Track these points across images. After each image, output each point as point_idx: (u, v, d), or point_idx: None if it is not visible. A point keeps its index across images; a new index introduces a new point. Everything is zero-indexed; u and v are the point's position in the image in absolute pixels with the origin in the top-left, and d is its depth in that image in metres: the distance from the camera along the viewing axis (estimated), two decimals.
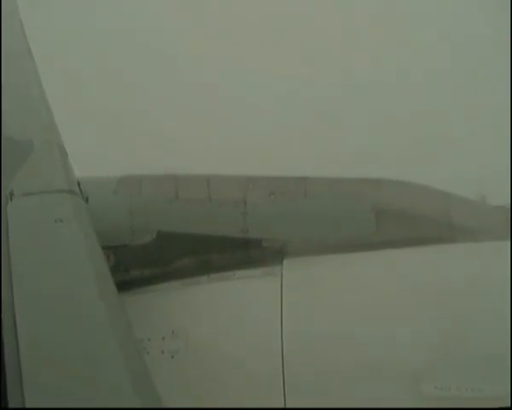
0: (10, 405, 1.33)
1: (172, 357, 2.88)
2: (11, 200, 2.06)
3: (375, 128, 4.90)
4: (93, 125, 5.09)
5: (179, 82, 5.34)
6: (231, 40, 5.48)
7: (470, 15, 5.33)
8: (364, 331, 2.83)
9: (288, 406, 2.75)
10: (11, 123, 2.55)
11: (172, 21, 5.65)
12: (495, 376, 2.65)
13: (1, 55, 2.96)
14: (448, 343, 2.78)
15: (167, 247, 3.12)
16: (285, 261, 3.05)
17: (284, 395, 2.76)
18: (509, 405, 2.55)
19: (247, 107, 5.07)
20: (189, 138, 4.95)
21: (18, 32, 3.49)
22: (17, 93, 2.86)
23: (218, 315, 2.98)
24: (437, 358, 2.77)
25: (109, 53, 5.48)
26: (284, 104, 5.08)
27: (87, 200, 2.47)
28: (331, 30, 5.50)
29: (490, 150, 4.22)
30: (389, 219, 3.07)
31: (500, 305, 2.71)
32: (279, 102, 5.10)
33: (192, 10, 5.64)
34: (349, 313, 2.88)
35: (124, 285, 2.84)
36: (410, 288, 2.91)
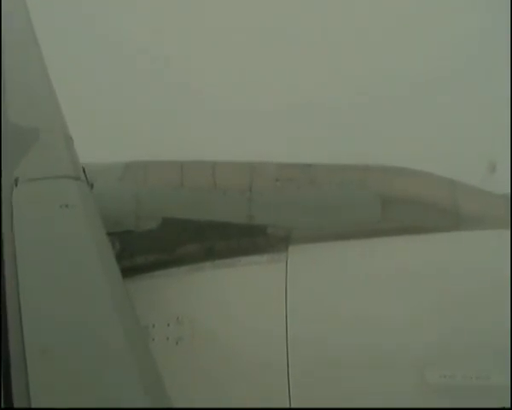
0: (16, 405, 1.33)
1: (177, 343, 2.89)
2: (16, 186, 2.06)
3: (380, 114, 4.89)
4: (98, 110, 5.09)
5: (185, 70, 5.33)
6: (239, 31, 5.47)
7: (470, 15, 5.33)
8: (369, 319, 2.83)
9: (291, 393, 2.75)
10: (16, 109, 2.55)
11: (177, 15, 5.66)
12: (502, 363, 2.65)
13: (5, 42, 2.96)
14: (453, 332, 2.78)
15: (172, 233, 3.12)
16: (290, 248, 3.05)
17: (288, 382, 2.76)
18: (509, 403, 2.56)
19: (253, 94, 5.07)
20: (194, 125, 4.94)
21: (23, 19, 3.49)
22: (22, 80, 2.86)
23: (222, 302, 2.98)
24: (442, 346, 2.78)
25: (113, 42, 5.48)
26: (290, 91, 5.07)
27: (92, 186, 2.47)
28: (336, 25, 5.50)
29: (500, 120, 4.22)
30: (395, 207, 3.06)
31: (505, 293, 2.71)
32: (285, 90, 5.09)
33: (194, 8, 5.65)
34: (353, 300, 2.88)
35: (129, 271, 2.84)
36: (415, 276, 2.91)
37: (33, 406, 1.28)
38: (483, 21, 5.20)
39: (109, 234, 2.09)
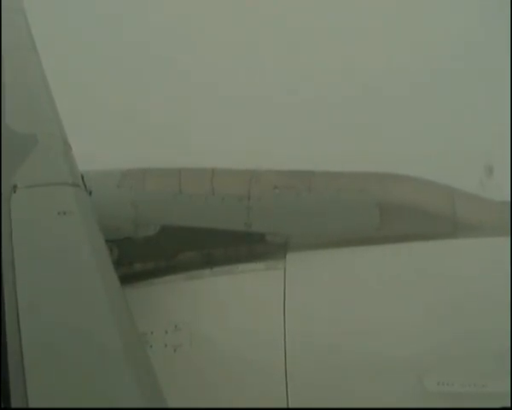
0: (13, 405, 1.32)
1: (175, 351, 2.89)
2: (14, 192, 2.06)
3: (379, 122, 4.89)
4: (97, 118, 5.09)
5: (183, 75, 5.34)
6: (236, 35, 5.48)
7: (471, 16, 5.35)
8: (367, 327, 2.83)
9: (290, 400, 2.75)
10: (15, 116, 2.55)
11: (174, 18, 5.67)
12: (498, 371, 2.65)
13: (3, 49, 2.97)
14: (451, 339, 2.78)
15: (171, 240, 3.12)
16: (288, 256, 3.05)
17: (286, 390, 2.76)
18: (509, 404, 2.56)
19: (252, 101, 5.07)
20: (192, 132, 4.95)
21: (22, 25, 3.49)
22: (21, 86, 2.86)
23: (221, 309, 2.98)
24: (440, 354, 2.77)
25: (112, 49, 5.48)
26: (288, 98, 5.08)
27: (90, 193, 2.47)
28: (336, 27, 5.51)
29: (497, 122, 4.23)
30: (393, 214, 3.06)
31: (503, 301, 2.71)
32: (283, 96, 5.09)
33: (193, 9, 5.65)
34: (352, 308, 2.88)
35: (127, 279, 2.84)
36: (413, 283, 2.91)
37: (31, 406, 1.28)
38: (482, 22, 5.21)
39: (107, 241, 2.09)
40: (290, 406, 2.76)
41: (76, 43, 5.53)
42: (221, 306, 2.98)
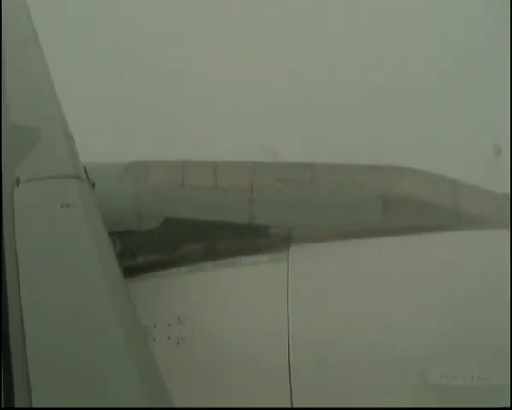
0: (17, 405, 1.32)
1: (178, 343, 2.89)
2: (17, 185, 2.06)
3: (382, 114, 4.89)
4: (100, 110, 5.09)
5: (186, 69, 5.34)
6: (238, 30, 5.48)
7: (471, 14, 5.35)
8: (370, 319, 2.83)
9: (293, 393, 2.75)
10: (18, 109, 2.55)
11: (178, 14, 5.67)
12: (501, 364, 2.65)
13: (6, 44, 2.97)
14: (453, 332, 2.78)
15: (174, 233, 3.12)
16: (291, 248, 3.05)
17: (290, 382, 2.76)
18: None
19: (254, 94, 5.07)
20: (196, 124, 4.95)
21: (25, 19, 3.49)
22: (24, 80, 2.87)
23: (224, 302, 2.98)
24: (442, 347, 2.77)
25: (116, 45, 5.49)
26: (290, 92, 5.08)
27: (93, 186, 2.47)
28: (335, 21, 5.51)
29: (505, 105, 4.23)
30: (396, 207, 3.06)
31: (506, 292, 2.71)
32: (285, 91, 5.09)
33: (196, 7, 5.66)
34: (354, 300, 2.88)
35: (130, 271, 2.84)
36: (415, 276, 2.91)
37: (35, 406, 1.28)
38: (483, 13, 5.21)
39: (110, 234, 2.09)
40: (293, 398, 2.76)
41: (80, 38, 5.54)
42: (224, 299, 2.99)
